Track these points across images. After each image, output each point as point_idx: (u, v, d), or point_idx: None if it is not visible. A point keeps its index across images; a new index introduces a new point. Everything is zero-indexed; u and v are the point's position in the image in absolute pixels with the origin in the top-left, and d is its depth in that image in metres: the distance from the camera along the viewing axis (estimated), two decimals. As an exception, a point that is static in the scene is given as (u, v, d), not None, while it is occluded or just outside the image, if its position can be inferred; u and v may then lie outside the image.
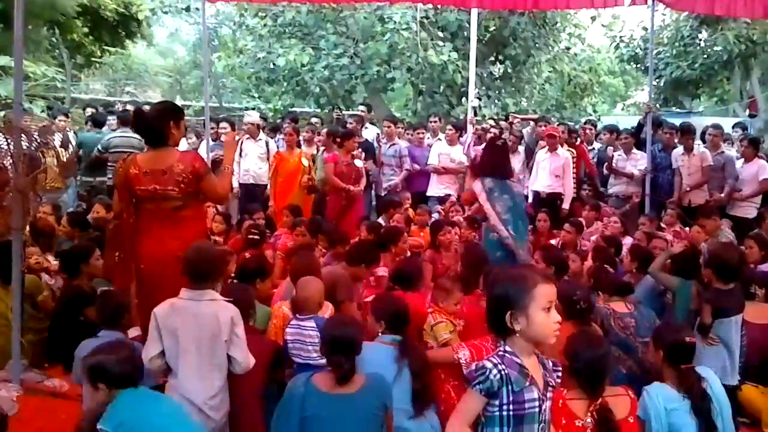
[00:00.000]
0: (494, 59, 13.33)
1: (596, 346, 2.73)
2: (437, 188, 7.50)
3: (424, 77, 11.76)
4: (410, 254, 5.18)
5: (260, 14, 12.41)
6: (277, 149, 7.36)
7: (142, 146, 3.58)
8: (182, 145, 5.73)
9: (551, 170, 7.04)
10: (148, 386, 2.58)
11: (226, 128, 7.28)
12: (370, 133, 8.28)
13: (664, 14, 14.69)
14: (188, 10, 13.90)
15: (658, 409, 2.72)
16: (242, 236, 5.34)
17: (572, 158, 7.13)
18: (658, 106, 14.53)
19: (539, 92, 14.30)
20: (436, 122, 8.29)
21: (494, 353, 1.88)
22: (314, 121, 9.00)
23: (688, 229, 5.70)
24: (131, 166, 3.39)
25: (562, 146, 7.16)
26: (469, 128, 7.24)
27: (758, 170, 6.61)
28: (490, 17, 11.68)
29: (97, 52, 15.06)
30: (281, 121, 9.59)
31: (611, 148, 7.54)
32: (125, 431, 2.27)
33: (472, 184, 4.97)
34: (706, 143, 7.18)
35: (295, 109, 13.11)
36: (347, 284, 3.88)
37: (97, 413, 2.30)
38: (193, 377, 2.71)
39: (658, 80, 15.06)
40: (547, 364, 1.93)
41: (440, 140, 7.77)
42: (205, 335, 2.74)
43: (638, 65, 16.86)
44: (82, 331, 3.46)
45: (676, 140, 6.97)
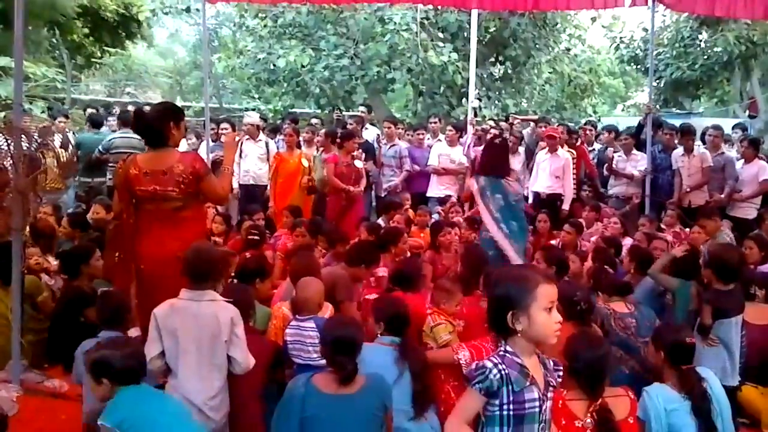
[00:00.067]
0: (494, 60, 13.33)
1: (596, 346, 2.73)
2: (437, 189, 7.49)
3: (424, 78, 11.75)
4: (410, 255, 5.18)
5: (260, 15, 12.41)
6: (277, 150, 7.36)
7: (143, 147, 3.58)
8: (182, 145, 5.72)
9: (551, 171, 7.04)
10: (148, 386, 2.58)
11: (227, 129, 7.26)
12: (370, 133, 8.27)
13: (664, 15, 14.68)
14: (188, 11, 13.91)
15: (658, 409, 2.72)
16: (242, 237, 5.35)
17: (572, 159, 7.13)
18: (658, 107, 14.53)
19: (539, 93, 14.30)
20: (436, 123, 8.28)
21: (495, 353, 1.89)
22: (314, 122, 8.98)
23: (688, 229, 5.70)
24: (131, 166, 3.39)
25: (562, 147, 7.15)
26: (469, 129, 7.25)
27: (758, 171, 6.61)
28: (490, 18, 11.67)
29: (97, 52, 15.05)
30: (281, 121, 9.60)
31: (611, 149, 7.54)
32: (127, 428, 2.27)
33: (470, 183, 4.99)
34: (706, 144, 7.18)
35: (295, 110, 13.10)
36: (347, 285, 3.89)
37: (100, 410, 2.31)
38: (193, 378, 2.72)
39: (658, 81, 15.05)
40: (548, 363, 1.93)
41: (440, 141, 7.77)
42: (205, 336, 2.74)
43: (638, 66, 16.85)
44: (82, 331, 3.45)
45: (676, 141, 6.98)
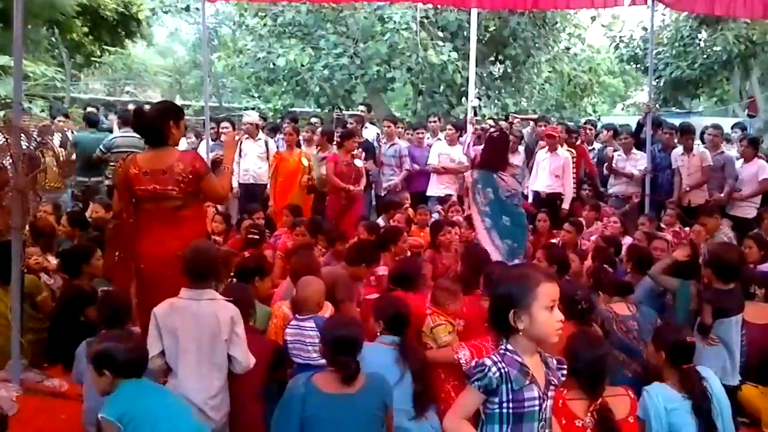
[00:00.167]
0: (494, 59, 13.31)
1: (596, 346, 2.73)
2: (437, 188, 7.49)
3: (424, 77, 11.74)
4: (410, 254, 5.17)
5: (260, 14, 12.39)
6: (276, 149, 7.36)
7: (144, 146, 3.57)
8: (182, 144, 5.72)
9: (551, 170, 7.04)
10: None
11: (227, 128, 7.26)
12: (370, 133, 8.27)
13: (663, 14, 14.68)
14: (188, 9, 13.91)
15: (658, 409, 2.72)
16: (242, 236, 5.35)
17: (572, 158, 7.13)
18: (657, 106, 14.53)
19: (539, 92, 14.29)
20: (435, 122, 8.28)
21: (495, 351, 1.89)
22: (314, 120, 8.97)
23: (687, 229, 5.70)
24: (131, 165, 3.38)
25: (561, 146, 7.16)
26: (469, 128, 7.22)
27: (758, 170, 6.61)
28: (490, 17, 11.66)
29: (96, 51, 15.01)
30: (281, 120, 9.58)
31: (611, 148, 7.54)
32: (128, 421, 2.28)
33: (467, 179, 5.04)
34: (705, 143, 7.18)
35: (294, 108, 13.09)
36: (347, 284, 3.88)
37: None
38: (193, 377, 2.71)
39: (657, 80, 15.05)
40: (550, 362, 1.93)
41: (440, 140, 7.77)
42: (205, 335, 2.74)
43: (638, 65, 16.85)
44: (82, 331, 3.46)
45: (675, 140, 6.97)
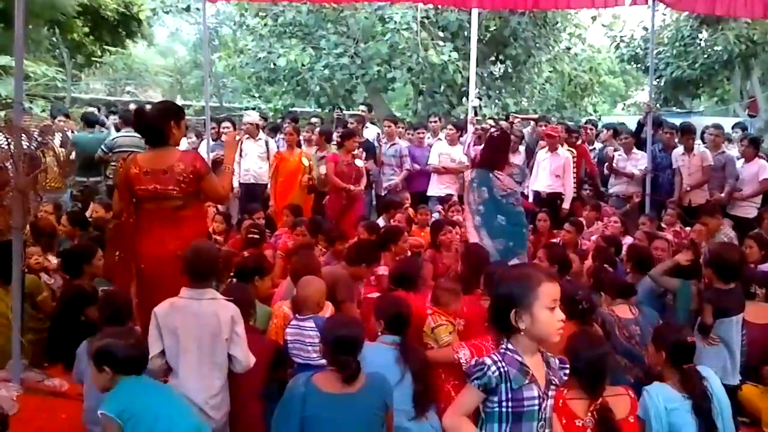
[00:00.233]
0: (495, 59, 13.31)
1: (597, 345, 2.74)
2: (438, 188, 7.49)
3: (424, 77, 11.74)
4: (410, 254, 5.17)
5: (261, 14, 12.39)
6: (277, 149, 7.36)
7: (145, 146, 3.57)
8: (182, 144, 5.73)
9: (551, 170, 7.04)
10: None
11: (228, 128, 7.27)
12: (370, 132, 8.28)
13: (664, 14, 14.67)
14: (189, 9, 13.89)
15: (658, 408, 2.72)
16: (242, 236, 5.35)
17: (573, 158, 7.13)
18: (658, 105, 14.51)
19: (539, 92, 14.27)
20: (436, 122, 8.28)
21: (496, 350, 1.89)
22: (314, 120, 8.97)
23: (688, 228, 5.70)
24: (132, 165, 3.39)
25: (562, 146, 7.16)
26: (469, 128, 7.22)
27: (758, 170, 6.61)
28: (490, 17, 11.65)
29: (97, 51, 15.05)
30: (281, 120, 9.58)
31: (611, 147, 7.54)
32: (128, 417, 2.28)
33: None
34: (706, 143, 7.18)
35: (295, 108, 13.09)
36: (347, 284, 3.87)
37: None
38: (193, 376, 2.72)
39: (658, 80, 15.03)
40: (552, 362, 1.93)
41: (441, 140, 7.76)
42: (205, 334, 2.74)
43: (638, 65, 16.84)
44: (82, 330, 3.46)
45: (676, 140, 6.97)
